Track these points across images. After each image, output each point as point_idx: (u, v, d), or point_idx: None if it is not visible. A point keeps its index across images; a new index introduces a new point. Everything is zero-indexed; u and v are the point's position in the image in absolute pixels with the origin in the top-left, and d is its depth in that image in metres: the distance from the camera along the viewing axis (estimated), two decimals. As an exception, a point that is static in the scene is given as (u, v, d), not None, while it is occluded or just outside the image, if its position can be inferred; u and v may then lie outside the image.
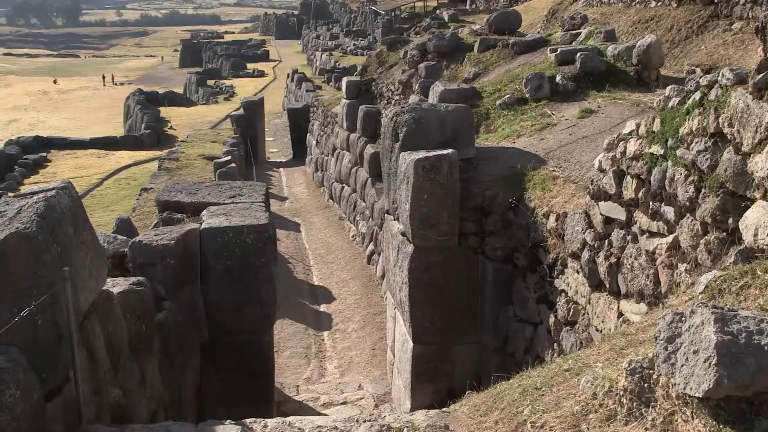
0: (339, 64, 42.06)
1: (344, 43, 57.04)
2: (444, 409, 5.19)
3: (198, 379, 7.64)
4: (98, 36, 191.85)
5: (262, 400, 7.83)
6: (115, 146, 31.86)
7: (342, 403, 9.51)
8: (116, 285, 5.94)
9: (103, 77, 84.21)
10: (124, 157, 28.55)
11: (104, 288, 5.47)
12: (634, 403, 3.17)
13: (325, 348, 12.10)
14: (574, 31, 15.16)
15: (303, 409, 9.12)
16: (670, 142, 5.20)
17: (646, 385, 3.14)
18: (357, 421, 4.99)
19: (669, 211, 5.23)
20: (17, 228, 4.46)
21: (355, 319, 12.97)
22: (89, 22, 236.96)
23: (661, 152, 5.32)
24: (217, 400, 7.67)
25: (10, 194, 5.51)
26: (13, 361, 4.21)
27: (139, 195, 17.00)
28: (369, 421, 4.94)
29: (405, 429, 4.77)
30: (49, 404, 4.59)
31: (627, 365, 3.23)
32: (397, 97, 18.13)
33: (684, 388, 2.75)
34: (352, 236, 17.46)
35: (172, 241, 7.07)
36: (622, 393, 3.25)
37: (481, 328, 8.49)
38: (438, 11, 45.87)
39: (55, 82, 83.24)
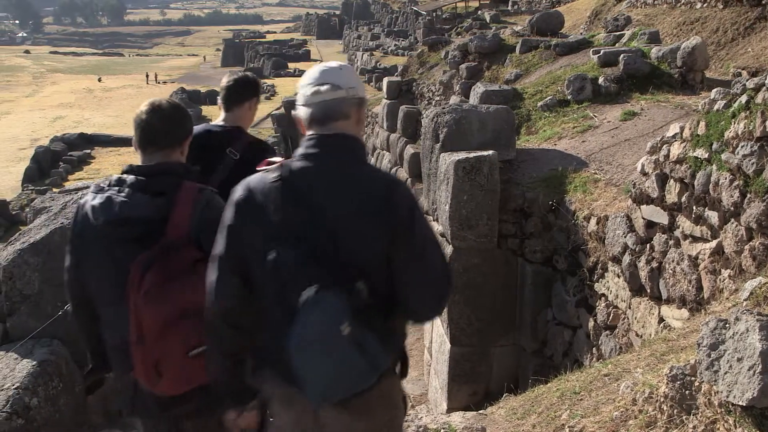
0: (380, 65, 42.18)
1: (385, 43, 57.19)
2: (481, 412, 5.18)
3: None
4: (142, 35, 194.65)
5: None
6: (157, 144, 32.22)
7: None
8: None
9: (147, 75, 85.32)
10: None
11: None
12: (675, 410, 3.13)
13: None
14: (618, 33, 15.00)
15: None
16: (714, 146, 5.12)
17: (687, 392, 3.10)
18: (393, 421, 4.99)
19: (713, 216, 5.16)
20: (62, 223, 4.56)
21: (392, 320, 12.94)
22: (134, 21, 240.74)
23: (706, 156, 5.25)
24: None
25: (55, 190, 5.62)
26: (56, 353, 4.29)
27: (180, 192, 17.12)
28: (406, 421, 4.95)
29: (442, 430, 4.77)
30: (91, 396, 4.67)
31: (668, 371, 3.20)
32: (437, 98, 18.11)
33: (727, 396, 2.71)
34: (391, 236, 17.43)
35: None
36: (662, 399, 3.21)
37: (519, 331, 8.45)
38: (479, 12, 45.71)
39: (99, 80, 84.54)
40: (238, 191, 2.64)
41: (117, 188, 3.03)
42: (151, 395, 2.88)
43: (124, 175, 3.06)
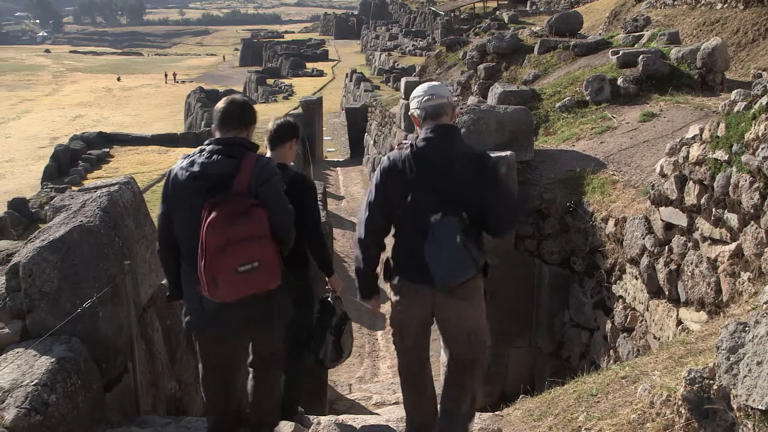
0: (397, 65, 42.11)
1: (403, 43, 57.11)
2: (497, 413, 5.17)
3: (252, 374, 7.70)
4: (161, 34, 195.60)
5: (315, 398, 7.87)
6: (175, 143, 32.26)
7: (394, 403, 9.49)
8: (175, 279, 6.02)
9: (165, 75, 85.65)
10: (185, 153, 28.88)
11: (163, 282, 5.56)
12: (693, 414, 3.10)
13: (378, 347, 12.11)
14: (637, 33, 14.92)
15: (355, 408, 9.13)
16: (734, 148, 5.09)
17: (705, 395, 3.07)
18: (409, 421, 4.98)
19: (732, 218, 5.12)
20: (81, 221, 4.57)
21: (408, 320, 12.88)
22: (153, 21, 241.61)
23: (726, 158, 5.21)
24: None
25: (74, 188, 5.66)
26: (75, 351, 4.31)
27: (199, 191, 17.16)
28: (421, 422, 4.93)
29: (457, 431, 4.74)
30: (108, 394, 4.69)
31: (686, 374, 3.17)
32: (455, 98, 18.05)
33: (746, 400, 2.68)
34: (407, 236, 17.39)
35: (230, 237, 7.12)
36: (680, 403, 3.18)
37: (536, 332, 8.42)
38: (498, 12, 45.61)
39: (118, 79, 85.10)
40: (384, 161, 4.14)
41: (199, 153, 4.02)
42: (213, 303, 3.82)
43: (205, 145, 4.04)
